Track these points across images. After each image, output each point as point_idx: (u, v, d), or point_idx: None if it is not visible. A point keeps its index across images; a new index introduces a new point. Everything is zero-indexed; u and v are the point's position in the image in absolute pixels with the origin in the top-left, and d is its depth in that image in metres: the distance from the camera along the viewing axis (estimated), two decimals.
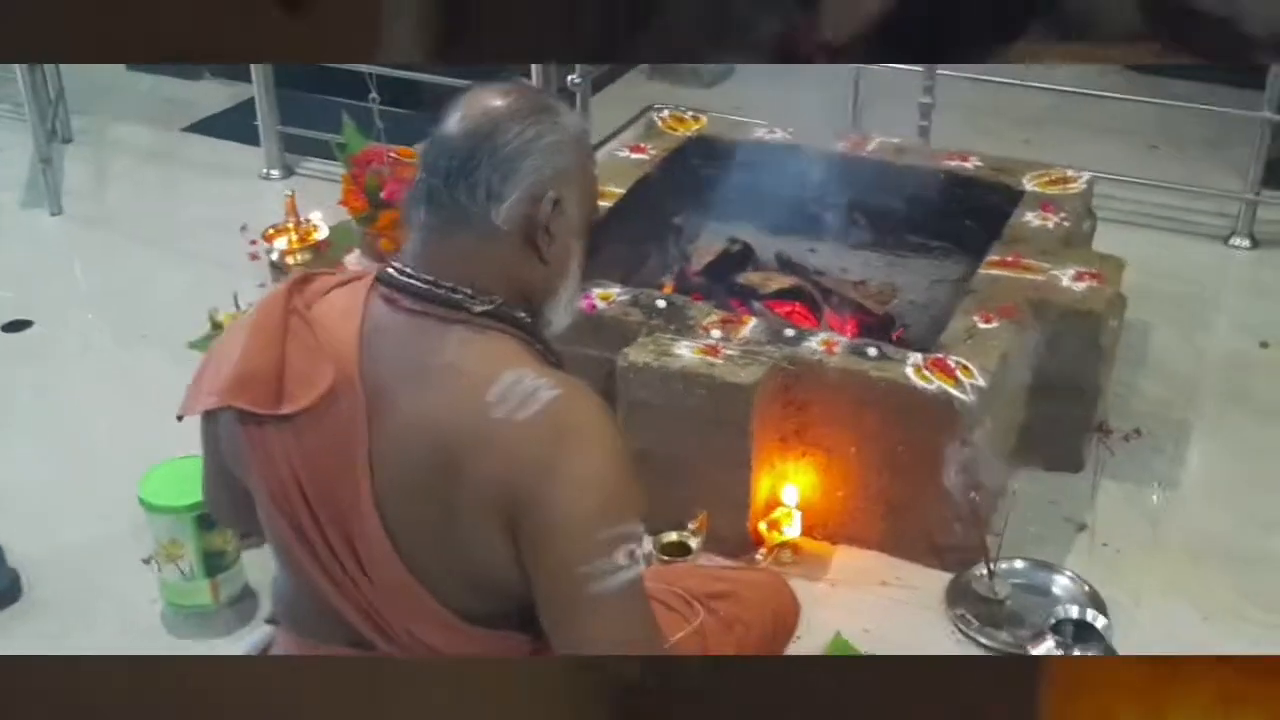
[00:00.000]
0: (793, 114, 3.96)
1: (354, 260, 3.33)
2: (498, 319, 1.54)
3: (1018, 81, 4.01)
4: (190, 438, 1.76)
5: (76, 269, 3.90)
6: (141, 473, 2.45)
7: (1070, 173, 3.24)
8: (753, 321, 2.69)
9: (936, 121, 3.82)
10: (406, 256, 1.58)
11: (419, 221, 1.57)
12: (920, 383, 2.49)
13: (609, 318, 2.72)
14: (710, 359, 2.54)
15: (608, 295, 2.77)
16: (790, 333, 2.63)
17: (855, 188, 3.21)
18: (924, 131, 3.78)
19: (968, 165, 3.29)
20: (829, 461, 2.60)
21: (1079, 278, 2.81)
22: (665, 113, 3.61)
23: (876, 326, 2.92)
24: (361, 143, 3.67)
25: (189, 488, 2.24)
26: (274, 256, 3.29)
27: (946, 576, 2.57)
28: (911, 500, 2.57)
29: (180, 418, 1.69)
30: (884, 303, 3.03)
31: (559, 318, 1.63)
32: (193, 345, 3.33)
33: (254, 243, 3.45)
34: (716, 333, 2.63)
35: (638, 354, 2.57)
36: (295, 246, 3.27)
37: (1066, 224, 3.05)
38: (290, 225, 3.27)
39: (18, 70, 4.05)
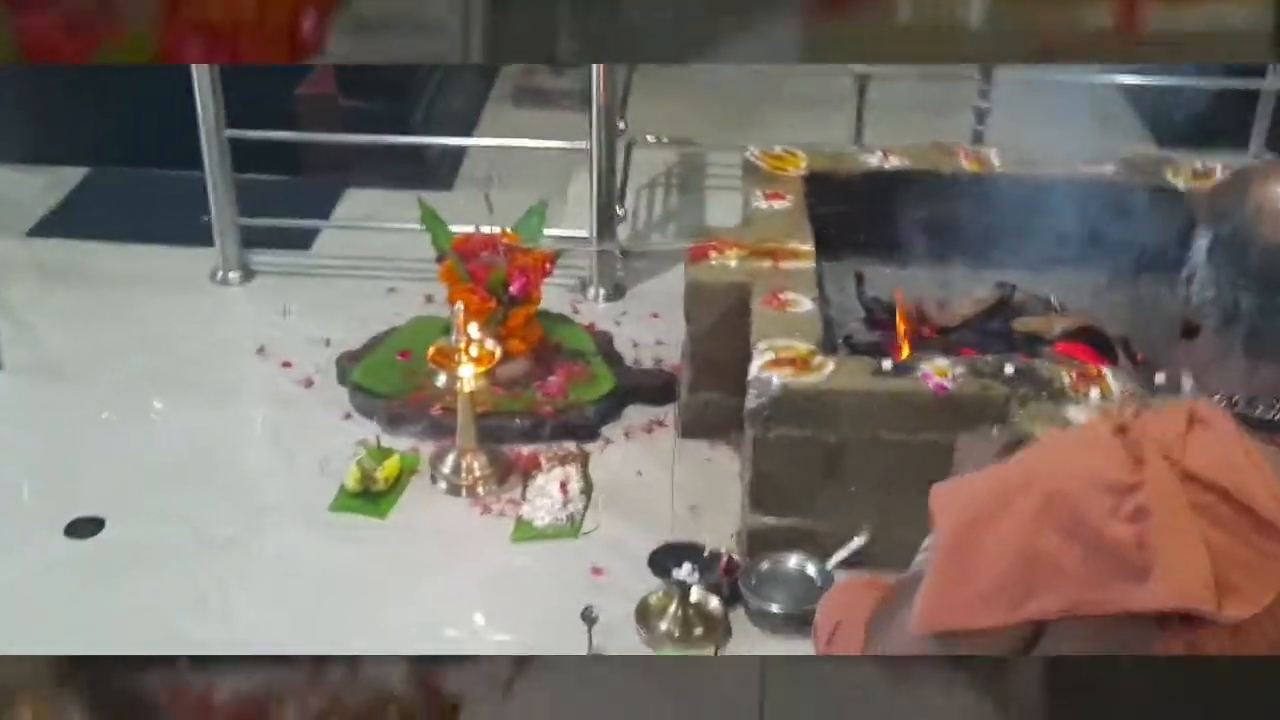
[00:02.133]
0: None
1: None
2: None
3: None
4: None
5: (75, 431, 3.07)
6: None
7: (1200, 165, 3.25)
8: (1109, 372, 2.50)
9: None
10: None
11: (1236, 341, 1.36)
12: None
13: (968, 395, 2.44)
14: None
15: (943, 371, 2.48)
16: (1160, 379, 2.47)
17: (1029, 208, 3.07)
18: (979, 136, 3.68)
19: (1107, 170, 3.23)
20: None
21: None
22: (754, 153, 3.30)
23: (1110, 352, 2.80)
24: (443, 227, 3.12)
25: None
26: (452, 384, 2.72)
27: None
28: None
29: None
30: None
31: None
32: (336, 509, 2.73)
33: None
34: (1095, 391, 2.42)
35: (1040, 430, 2.32)
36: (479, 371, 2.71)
37: None
38: (463, 345, 2.70)
39: None
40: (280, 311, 3.43)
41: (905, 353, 2.79)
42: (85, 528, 2.68)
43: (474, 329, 2.73)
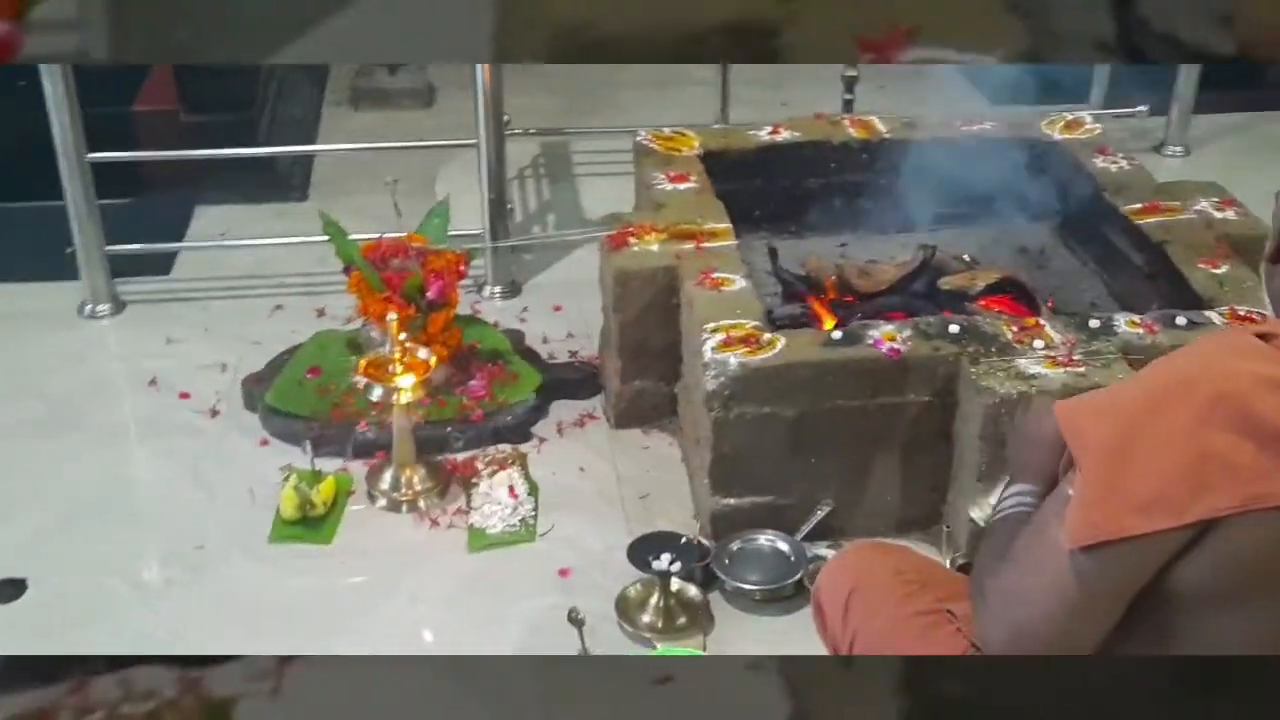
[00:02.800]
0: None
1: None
2: None
3: None
4: None
5: None
6: None
7: (1082, 115, 3.38)
8: (1045, 323, 2.56)
9: None
10: None
11: None
12: None
13: (920, 357, 2.47)
14: (1072, 370, 2.40)
15: (891, 336, 2.51)
16: (1095, 324, 2.54)
17: (920, 169, 3.14)
18: (849, 105, 3.73)
19: (986, 127, 3.32)
20: None
21: (1222, 206, 2.97)
22: (643, 136, 3.28)
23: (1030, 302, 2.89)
24: (346, 238, 2.99)
25: None
26: (378, 397, 2.60)
27: None
28: None
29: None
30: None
31: None
32: (276, 540, 2.60)
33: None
34: (1039, 343, 2.49)
35: (1002, 386, 2.37)
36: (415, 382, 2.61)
37: (1132, 163, 3.18)
38: (397, 355, 2.59)
39: None
40: (164, 339, 3.24)
41: (830, 322, 2.81)
42: (6, 591, 2.48)
43: (403, 336, 2.63)
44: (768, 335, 2.51)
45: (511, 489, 2.68)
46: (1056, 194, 3.16)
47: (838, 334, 2.51)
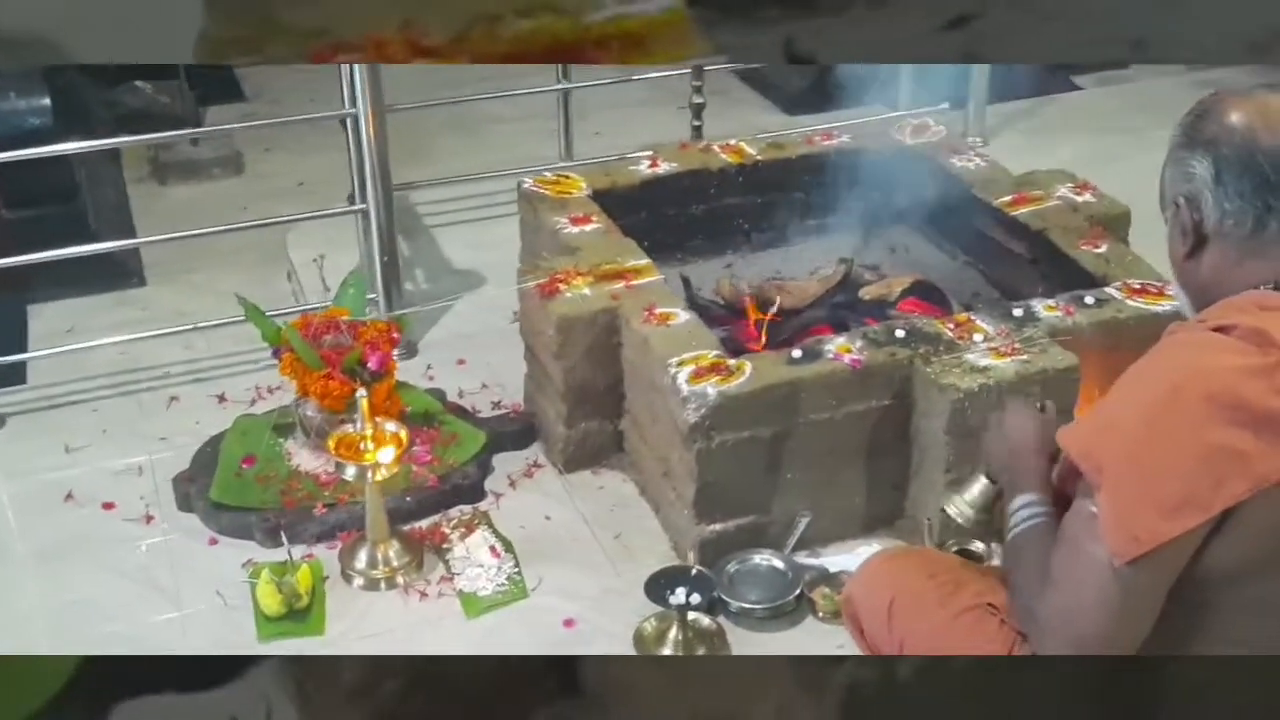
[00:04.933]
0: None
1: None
2: None
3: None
4: None
5: None
6: None
7: (926, 119, 3.61)
8: (975, 318, 2.75)
9: None
10: None
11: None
12: (1157, 307, 2.77)
13: (878, 365, 2.61)
14: (1017, 359, 2.59)
15: (846, 348, 2.64)
16: (1019, 312, 2.74)
17: (797, 186, 3.33)
18: (698, 131, 3.86)
19: (845, 139, 3.52)
20: None
21: (1079, 191, 3.24)
22: (529, 183, 3.32)
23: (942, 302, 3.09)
24: (267, 320, 2.91)
25: None
26: (352, 475, 2.55)
27: None
28: None
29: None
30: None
31: None
32: (266, 638, 2.51)
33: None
34: (978, 336, 2.67)
35: (963, 381, 2.54)
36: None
37: (986, 160, 3.43)
38: (369, 432, 2.54)
39: None
40: (61, 449, 3.07)
41: (762, 342, 2.93)
42: None
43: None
44: (733, 362, 2.61)
45: (493, 548, 2.68)
46: (924, 195, 3.37)
47: (798, 353, 2.63)
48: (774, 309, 2.98)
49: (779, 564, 2.62)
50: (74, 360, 3.41)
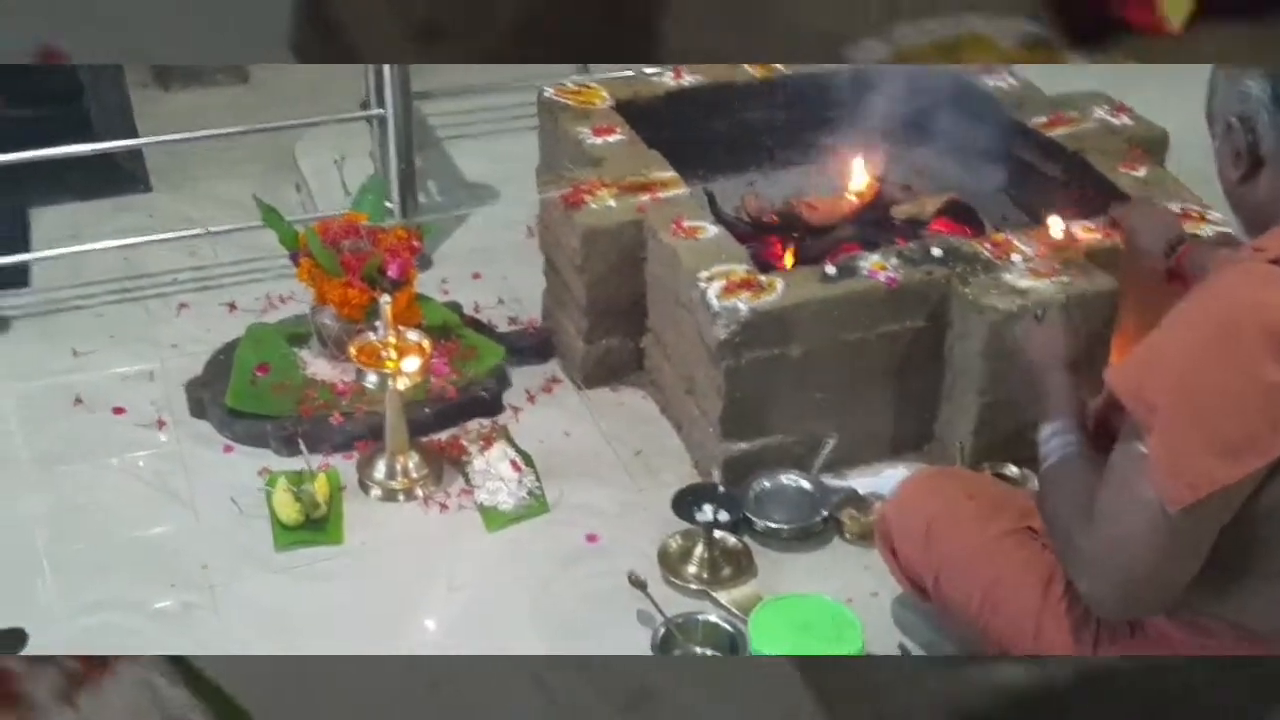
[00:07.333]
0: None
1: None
2: None
3: None
4: None
5: None
6: None
7: None
8: (1012, 238, 2.69)
9: None
10: None
11: None
12: (1198, 231, 2.70)
13: (914, 284, 2.55)
14: (1054, 280, 2.53)
15: (881, 265, 2.58)
16: (1058, 234, 2.68)
17: (824, 103, 3.24)
18: None
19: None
20: None
21: (1116, 113, 3.16)
22: (551, 92, 3.23)
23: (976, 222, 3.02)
24: (285, 224, 2.84)
25: None
26: (373, 383, 2.49)
27: None
28: None
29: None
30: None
31: None
32: (283, 547, 2.46)
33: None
34: (1016, 257, 2.61)
35: (1002, 302, 2.48)
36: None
37: (1019, 79, 3.35)
38: (393, 340, 2.48)
39: None
40: (68, 353, 3.00)
41: (789, 259, 2.87)
42: (6, 643, 2.26)
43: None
44: (764, 278, 2.54)
45: (514, 462, 2.63)
46: (956, 114, 3.28)
47: (831, 270, 2.57)
48: (803, 226, 2.91)
49: (806, 484, 2.57)
50: (78, 264, 3.33)
